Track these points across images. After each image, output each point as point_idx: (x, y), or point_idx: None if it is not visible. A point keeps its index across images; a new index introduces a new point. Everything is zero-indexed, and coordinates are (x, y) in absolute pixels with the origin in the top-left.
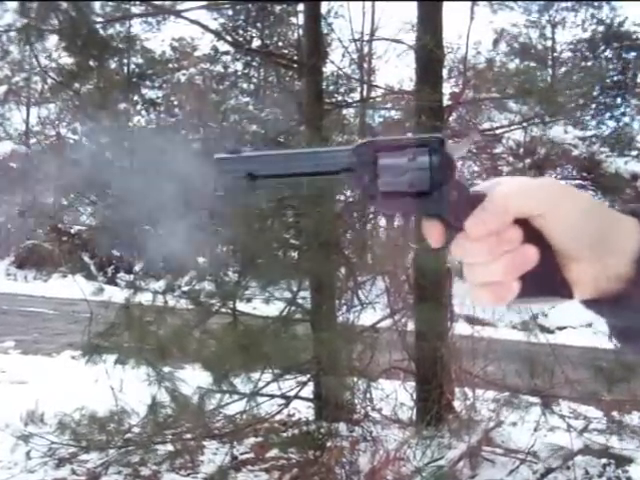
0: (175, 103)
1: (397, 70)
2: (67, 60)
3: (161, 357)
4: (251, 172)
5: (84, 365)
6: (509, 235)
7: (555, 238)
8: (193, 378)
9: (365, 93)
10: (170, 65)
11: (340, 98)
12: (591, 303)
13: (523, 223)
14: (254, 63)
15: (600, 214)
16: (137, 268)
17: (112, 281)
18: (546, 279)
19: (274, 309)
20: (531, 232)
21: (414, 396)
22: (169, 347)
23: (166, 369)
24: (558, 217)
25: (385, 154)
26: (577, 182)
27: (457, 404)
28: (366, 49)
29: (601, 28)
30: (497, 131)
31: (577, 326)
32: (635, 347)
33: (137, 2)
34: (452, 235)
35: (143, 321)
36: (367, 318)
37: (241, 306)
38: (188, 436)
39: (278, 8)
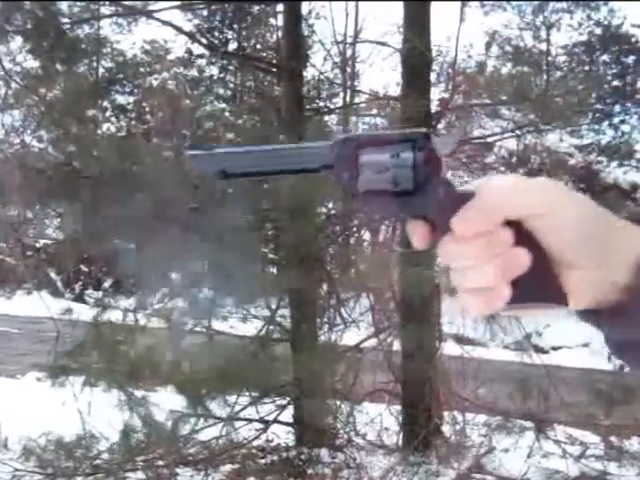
0: (147, 109)
1: (382, 74)
2: (32, 63)
3: (132, 379)
4: (224, 169)
5: (50, 387)
6: (499, 237)
7: (550, 242)
8: (166, 401)
9: (348, 99)
10: (141, 69)
11: (322, 104)
12: (588, 314)
13: (514, 225)
14: (230, 67)
15: (599, 218)
16: (106, 284)
17: (80, 298)
18: (539, 285)
19: (252, 328)
20: (523, 235)
21: (400, 420)
22: (140, 368)
23: (137, 392)
24: (554, 219)
25: (366, 150)
26: None
27: (446, 429)
28: (349, 52)
29: (598, 30)
30: (489, 139)
31: (573, 346)
32: (633, 361)
33: (107, 2)
34: (438, 237)
35: (113, 341)
36: (350, 337)
37: (217, 325)
38: (160, 463)
39: (256, 8)
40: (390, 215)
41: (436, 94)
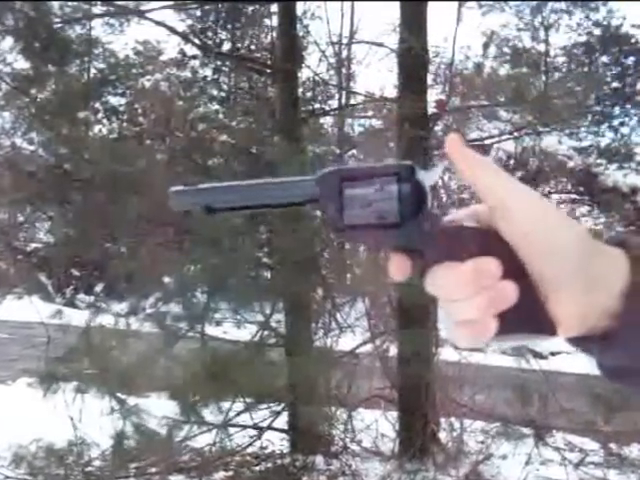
0: (139, 111)
1: (378, 75)
2: (23, 64)
3: (124, 385)
4: (209, 205)
5: (41, 393)
6: (488, 271)
7: (538, 269)
8: (159, 408)
9: (344, 100)
10: (134, 70)
11: (317, 106)
12: (577, 341)
13: (501, 255)
14: (224, 68)
15: (587, 244)
16: (98, 289)
17: (71, 303)
18: (526, 315)
19: (246, 333)
20: (509, 265)
21: (396, 427)
22: (133, 374)
23: (130, 398)
24: (544, 245)
25: (351, 184)
26: (572, 196)
27: (443, 435)
28: (345, 53)
29: (598, 31)
30: (486, 141)
31: (572, 351)
32: (627, 386)
33: (98, 2)
34: (426, 269)
35: (104, 346)
36: (346, 343)
37: (210, 330)
38: (153, 470)
39: (250, 9)
40: (377, 248)
41: (433, 95)
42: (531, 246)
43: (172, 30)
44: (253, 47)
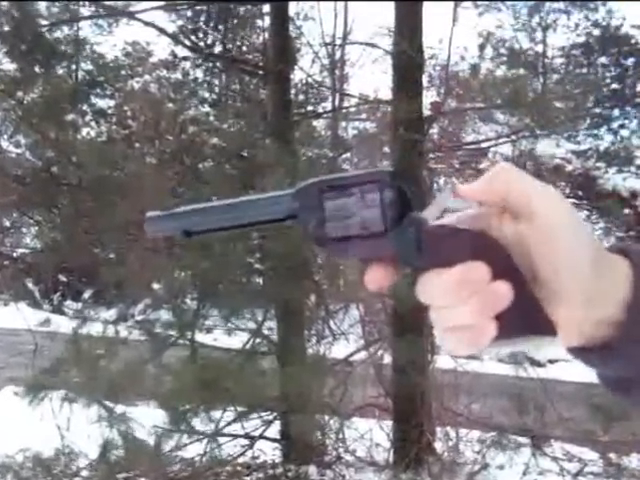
0: (128, 113)
1: (372, 77)
2: (9, 66)
3: (112, 394)
4: (188, 229)
5: (28, 402)
6: (476, 276)
7: (549, 274)
8: (148, 417)
9: (337, 103)
10: (123, 72)
11: (310, 108)
12: (578, 351)
13: (495, 257)
14: (215, 69)
15: (595, 250)
16: (86, 295)
17: (59, 309)
18: (526, 317)
19: (237, 341)
20: (504, 267)
21: (391, 436)
22: (121, 383)
23: (118, 407)
24: (565, 252)
25: (330, 195)
26: (571, 200)
27: (438, 445)
28: (338, 54)
29: (597, 31)
30: (483, 145)
31: (571, 359)
32: (628, 399)
33: (87, 2)
34: (416, 276)
35: (93, 354)
36: (340, 350)
37: (201, 337)
38: None
39: (242, 9)
40: (363, 260)
41: (428, 98)
42: (550, 251)
43: (162, 31)
44: (245, 48)
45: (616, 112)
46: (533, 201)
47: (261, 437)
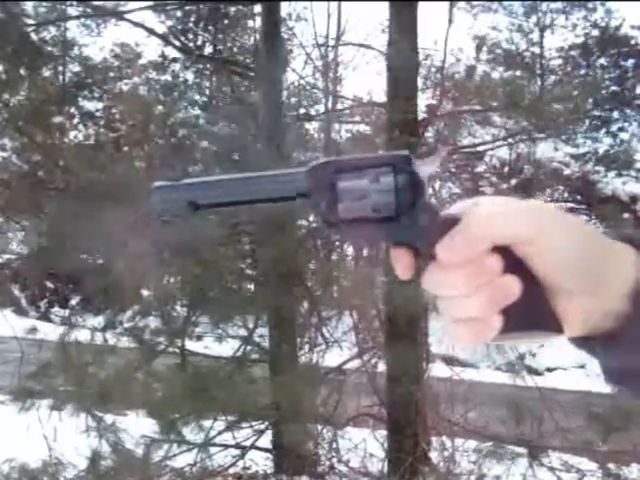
0: (117, 116)
1: (366, 79)
2: None
3: (101, 403)
4: (193, 200)
5: (14, 411)
6: (487, 264)
7: (542, 269)
8: (137, 426)
9: (330, 105)
10: (111, 73)
11: (302, 110)
12: (582, 341)
13: (503, 250)
14: (206, 71)
15: (593, 242)
16: (73, 302)
17: (45, 317)
18: (532, 312)
19: (228, 348)
20: (513, 260)
21: (385, 446)
22: (110, 391)
23: (107, 416)
24: (546, 245)
25: (344, 176)
26: (569, 205)
27: (434, 455)
28: (331, 55)
29: (595, 32)
30: (479, 148)
31: (569, 367)
32: (630, 390)
33: (74, 2)
34: (423, 265)
35: (80, 362)
36: (333, 358)
37: (191, 345)
38: None
39: (232, 9)
40: (372, 243)
41: (423, 100)
42: (533, 247)
43: (151, 32)
44: (236, 49)
45: (615, 114)
46: (521, 236)
47: (252, 447)
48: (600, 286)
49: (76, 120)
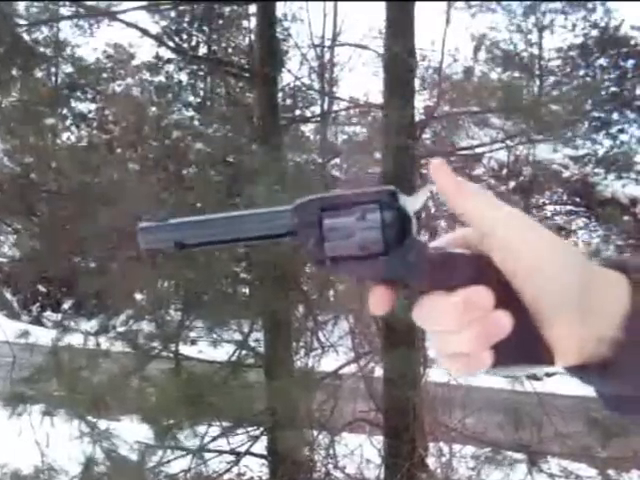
0: (110, 118)
1: (363, 80)
2: None
3: (94, 408)
4: (179, 241)
5: (6, 416)
6: (479, 301)
7: (533, 298)
8: (131, 432)
9: (327, 106)
10: (104, 74)
11: (298, 112)
12: (576, 370)
13: (494, 284)
14: (200, 72)
15: (583, 269)
16: (66, 306)
17: (38, 321)
18: (523, 345)
19: (223, 353)
20: (503, 294)
21: (382, 452)
22: (103, 397)
23: (100, 422)
24: (542, 275)
25: (330, 213)
26: (568, 208)
27: (431, 461)
28: (328, 56)
29: (595, 32)
30: (477, 150)
31: None
32: (629, 417)
33: (67, 2)
34: (414, 299)
35: (73, 367)
36: (329, 363)
37: (185, 349)
38: None
39: (227, 10)
40: (361, 280)
41: (421, 102)
42: (525, 274)
43: (145, 32)
44: (230, 50)
45: (615, 116)
46: (494, 229)
47: (247, 453)
48: (592, 314)
49: (69, 122)
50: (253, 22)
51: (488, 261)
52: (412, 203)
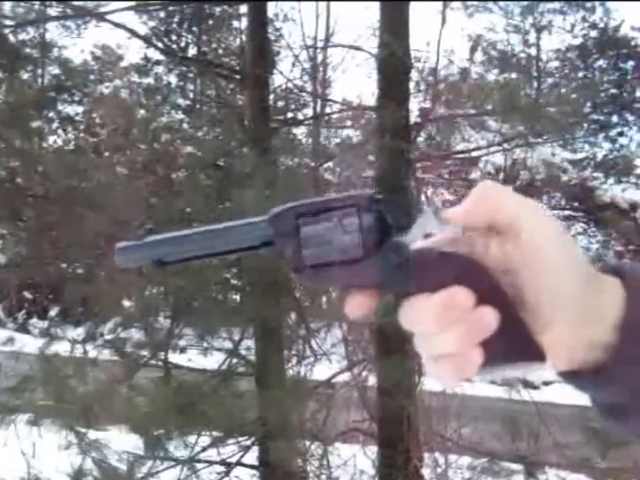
0: (97, 120)
1: (356, 82)
2: None
3: (82, 417)
4: (158, 259)
5: None
6: (458, 301)
7: (533, 297)
8: (119, 442)
9: (319, 109)
10: (92, 76)
11: (290, 115)
12: (569, 375)
13: (476, 281)
14: (190, 74)
15: (584, 272)
16: (52, 313)
17: (23, 328)
18: (513, 342)
19: (213, 361)
20: (487, 291)
21: (376, 462)
22: (91, 406)
23: (88, 432)
24: (540, 273)
25: (306, 220)
26: (566, 212)
27: (426, 472)
28: (320, 57)
29: (594, 33)
30: (473, 153)
31: None
32: (620, 426)
33: (53, 3)
34: (398, 302)
35: (60, 375)
36: (321, 371)
37: (174, 358)
38: None
39: (218, 10)
40: (342, 286)
41: (416, 104)
42: (537, 272)
43: (133, 33)
44: (221, 51)
45: (615, 118)
46: (520, 219)
47: (238, 463)
48: (588, 318)
49: (55, 124)
50: (244, 22)
51: (472, 261)
52: (408, 240)
